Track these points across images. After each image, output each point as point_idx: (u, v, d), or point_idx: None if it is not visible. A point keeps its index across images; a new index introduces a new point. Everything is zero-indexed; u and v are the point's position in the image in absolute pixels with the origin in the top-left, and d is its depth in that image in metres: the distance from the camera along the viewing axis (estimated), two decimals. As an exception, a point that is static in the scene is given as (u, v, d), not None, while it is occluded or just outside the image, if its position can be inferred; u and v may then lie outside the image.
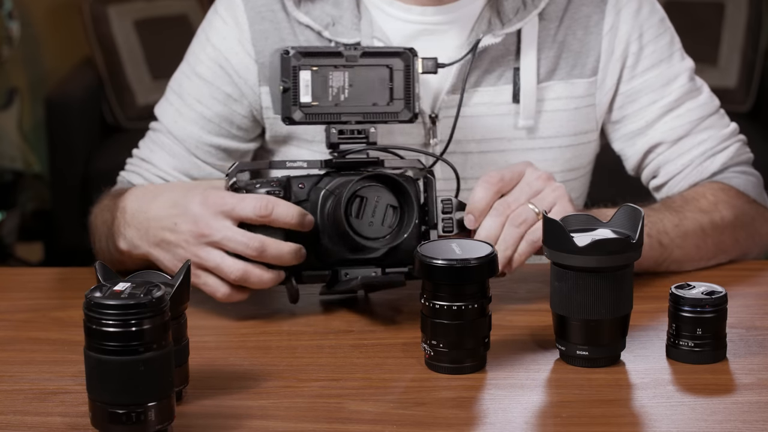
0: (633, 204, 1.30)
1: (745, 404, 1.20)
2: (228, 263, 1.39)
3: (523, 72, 1.65)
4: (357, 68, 1.45)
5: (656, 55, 1.70)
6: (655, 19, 1.71)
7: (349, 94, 1.45)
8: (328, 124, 1.44)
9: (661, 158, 1.70)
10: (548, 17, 1.67)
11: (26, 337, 1.41)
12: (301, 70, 1.43)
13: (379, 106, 1.46)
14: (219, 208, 1.39)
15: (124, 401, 1.08)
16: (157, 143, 1.71)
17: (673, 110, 1.69)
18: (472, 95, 1.65)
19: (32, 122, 4.17)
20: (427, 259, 1.24)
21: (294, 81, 1.43)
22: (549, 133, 1.68)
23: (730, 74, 3.98)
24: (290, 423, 1.17)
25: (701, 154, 1.69)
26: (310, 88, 1.43)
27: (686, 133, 1.69)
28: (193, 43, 1.73)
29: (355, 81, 1.45)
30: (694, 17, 4.00)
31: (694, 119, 1.69)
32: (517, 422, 1.18)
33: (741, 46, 3.99)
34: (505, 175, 1.44)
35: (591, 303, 1.25)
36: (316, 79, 1.43)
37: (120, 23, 4.02)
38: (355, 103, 1.45)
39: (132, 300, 1.07)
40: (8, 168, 3.96)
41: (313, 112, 1.44)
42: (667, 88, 1.69)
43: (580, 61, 1.68)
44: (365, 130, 1.45)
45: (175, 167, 1.70)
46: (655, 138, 1.70)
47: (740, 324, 1.39)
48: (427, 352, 1.27)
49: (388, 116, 1.47)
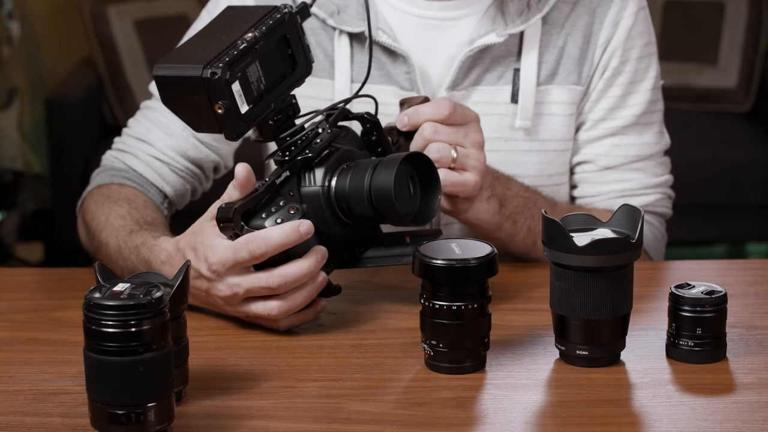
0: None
1: (745, 404, 1.20)
2: (270, 307, 1.35)
3: (524, 73, 1.65)
4: (264, 51, 1.36)
5: (629, 76, 1.70)
6: (643, 41, 1.71)
7: (265, 81, 1.37)
8: (261, 122, 1.38)
9: (584, 176, 1.73)
10: (551, 22, 1.67)
11: (26, 337, 1.41)
12: (231, 84, 1.32)
13: (289, 75, 1.40)
14: (226, 267, 1.33)
15: (124, 402, 1.08)
16: (153, 121, 1.69)
17: (616, 136, 1.71)
18: (472, 93, 1.66)
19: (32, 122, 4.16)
20: (427, 259, 1.24)
21: (230, 97, 1.32)
22: (546, 136, 1.68)
23: (730, 74, 3.98)
24: (290, 423, 1.17)
25: (619, 191, 1.71)
26: (243, 97, 1.34)
27: (616, 165, 1.71)
28: (196, 23, 1.72)
29: (265, 64, 1.37)
30: (694, 17, 3.99)
31: (630, 155, 1.71)
32: (517, 422, 1.18)
33: (741, 46, 3.99)
34: (456, 112, 1.47)
35: (591, 303, 1.25)
36: (243, 83, 1.34)
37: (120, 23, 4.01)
38: (271, 85, 1.38)
39: (131, 300, 1.07)
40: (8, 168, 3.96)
41: (251, 117, 1.36)
42: (621, 111, 1.70)
43: (578, 69, 1.68)
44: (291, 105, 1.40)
45: (171, 146, 1.68)
46: (588, 156, 1.72)
47: (740, 323, 1.39)
48: (427, 352, 1.27)
49: (298, 80, 1.41)
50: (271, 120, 1.38)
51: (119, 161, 1.70)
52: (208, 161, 1.71)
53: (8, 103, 3.96)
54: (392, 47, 1.64)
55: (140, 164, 1.68)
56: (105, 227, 1.58)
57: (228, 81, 1.31)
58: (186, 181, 1.70)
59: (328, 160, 1.39)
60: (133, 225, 1.55)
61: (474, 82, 1.66)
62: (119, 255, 1.53)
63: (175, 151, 1.68)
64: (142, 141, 1.69)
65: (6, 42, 3.90)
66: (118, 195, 1.63)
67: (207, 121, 1.35)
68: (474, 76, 1.66)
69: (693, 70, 3.95)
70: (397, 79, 1.65)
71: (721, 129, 3.86)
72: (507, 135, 1.67)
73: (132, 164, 1.68)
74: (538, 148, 1.68)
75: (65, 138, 3.81)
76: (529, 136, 1.68)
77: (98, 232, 1.60)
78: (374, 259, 1.43)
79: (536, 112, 1.67)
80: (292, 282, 1.33)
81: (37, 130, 4.13)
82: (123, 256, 1.52)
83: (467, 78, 1.65)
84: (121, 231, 1.55)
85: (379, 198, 1.35)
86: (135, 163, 1.68)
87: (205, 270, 1.35)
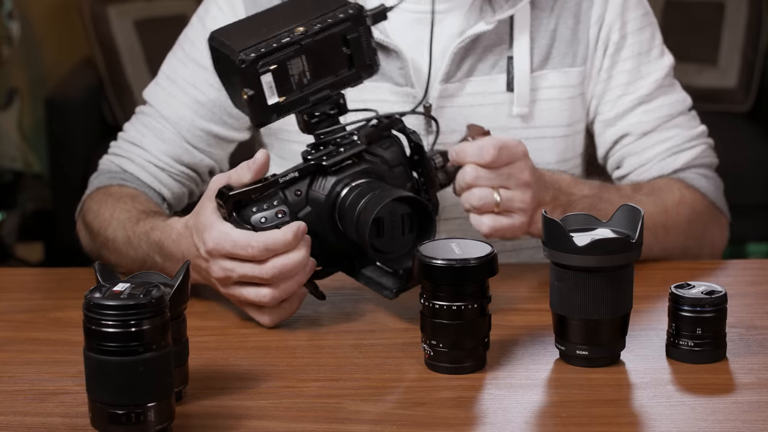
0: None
1: (745, 404, 1.20)
2: (262, 294, 1.37)
3: (517, 60, 1.66)
4: (311, 48, 1.38)
5: (635, 48, 1.70)
6: (639, 12, 1.72)
7: (310, 75, 1.39)
8: (300, 112, 1.40)
9: (626, 150, 1.71)
10: (540, 6, 1.68)
11: (26, 337, 1.41)
12: (261, 75, 1.36)
13: (342, 74, 1.41)
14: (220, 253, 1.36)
15: (124, 402, 1.08)
16: (147, 126, 1.70)
17: (644, 104, 1.70)
18: (466, 84, 1.66)
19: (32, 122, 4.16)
20: (427, 259, 1.24)
21: (257, 87, 1.36)
22: (543, 123, 1.69)
23: (730, 74, 3.97)
24: (290, 423, 1.17)
25: (666, 150, 1.70)
26: (274, 89, 1.37)
27: (654, 128, 1.70)
28: (187, 29, 1.73)
29: (313, 60, 1.39)
30: (694, 17, 3.99)
31: (664, 115, 1.70)
32: (517, 422, 1.17)
33: (741, 46, 3.99)
34: (501, 155, 1.44)
35: (591, 303, 1.25)
36: (277, 75, 1.37)
37: (120, 23, 4.01)
38: (319, 81, 1.40)
39: (131, 300, 1.07)
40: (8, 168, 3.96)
41: (283, 109, 1.39)
42: (641, 81, 1.70)
43: (572, 50, 1.68)
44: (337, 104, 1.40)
45: (165, 152, 1.68)
46: (623, 129, 1.71)
47: (740, 323, 1.39)
48: (427, 352, 1.27)
49: (352, 80, 1.42)
50: (306, 115, 1.40)
51: (116, 165, 1.71)
52: (202, 165, 1.71)
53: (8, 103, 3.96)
54: (384, 43, 1.64)
55: (137, 168, 1.69)
56: (111, 223, 1.59)
57: (257, 72, 1.35)
58: (182, 185, 1.71)
59: (344, 172, 1.39)
60: (140, 215, 1.57)
61: (467, 73, 1.66)
62: (129, 246, 1.54)
63: (169, 157, 1.69)
64: (137, 146, 1.70)
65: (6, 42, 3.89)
66: (119, 193, 1.64)
67: (239, 101, 1.40)
68: (467, 67, 1.66)
69: (693, 70, 3.95)
70: (391, 75, 1.65)
71: (721, 129, 3.83)
72: (504, 124, 1.67)
73: (129, 168, 1.69)
74: (535, 135, 1.68)
75: (65, 138, 3.81)
76: (526, 123, 1.68)
77: (104, 229, 1.60)
78: (366, 279, 1.43)
79: (531, 99, 1.67)
80: (287, 273, 1.35)
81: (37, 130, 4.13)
82: (133, 246, 1.53)
83: (460, 69, 1.65)
84: (128, 222, 1.56)
85: (360, 226, 1.35)
86: (132, 168, 1.69)
87: (203, 250, 1.38)
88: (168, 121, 1.68)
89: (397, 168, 1.44)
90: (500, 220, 1.45)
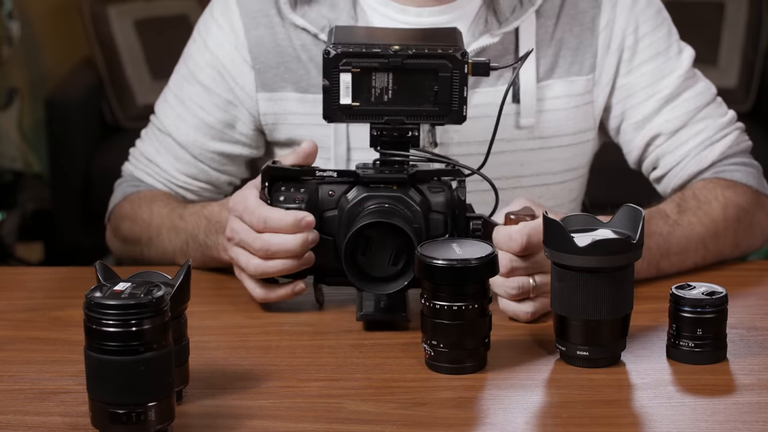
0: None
1: (746, 405, 1.20)
2: (249, 262, 1.41)
3: (523, 71, 1.64)
4: (401, 69, 1.39)
5: (653, 48, 1.69)
6: (652, 11, 1.70)
7: (392, 96, 1.40)
8: (371, 124, 1.42)
9: (660, 150, 1.70)
10: (545, 14, 1.66)
11: (26, 336, 1.41)
12: (341, 72, 1.38)
13: (423, 108, 1.41)
14: (233, 214, 1.43)
15: (124, 401, 1.08)
16: (163, 144, 1.72)
17: (670, 102, 1.69)
18: (471, 96, 1.64)
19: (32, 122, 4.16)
20: (427, 259, 1.24)
21: (335, 82, 1.39)
22: (549, 133, 1.67)
23: (730, 74, 3.98)
24: (290, 423, 1.17)
25: (699, 144, 1.68)
26: (350, 90, 1.39)
27: (683, 124, 1.69)
28: (190, 44, 1.72)
29: (399, 81, 1.39)
30: (694, 17, 3.99)
31: (691, 109, 1.69)
32: (517, 422, 1.18)
33: (741, 46, 3.99)
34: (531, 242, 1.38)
35: (591, 303, 1.25)
36: (359, 80, 1.39)
37: (120, 23, 4.01)
38: (399, 104, 1.40)
39: (132, 300, 1.07)
40: (8, 168, 3.96)
41: (353, 113, 1.40)
42: (663, 81, 1.69)
43: (578, 59, 1.67)
44: (408, 131, 1.42)
45: (181, 171, 1.71)
46: (653, 130, 1.69)
47: (740, 324, 1.39)
48: (427, 352, 1.27)
49: (432, 117, 1.42)
50: (376, 131, 1.42)
51: (136, 179, 1.74)
52: (220, 182, 1.73)
53: (8, 103, 3.96)
54: None
55: (157, 183, 1.72)
56: (153, 219, 1.65)
57: (338, 67, 1.38)
58: (203, 197, 1.72)
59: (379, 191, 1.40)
60: (181, 207, 1.64)
61: (473, 86, 1.64)
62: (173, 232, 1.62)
63: (185, 175, 1.71)
64: (154, 163, 1.72)
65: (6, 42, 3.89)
66: (152, 195, 1.69)
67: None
68: (472, 79, 1.64)
69: (693, 70, 3.95)
70: None
71: (721, 129, 3.85)
72: (510, 135, 1.66)
73: (149, 182, 1.73)
74: (542, 146, 1.67)
75: (65, 138, 3.81)
76: (532, 135, 1.67)
77: (146, 229, 1.66)
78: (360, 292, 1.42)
79: (538, 109, 1.66)
80: (273, 252, 1.39)
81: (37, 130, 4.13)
82: (177, 230, 1.61)
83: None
84: (173, 213, 1.64)
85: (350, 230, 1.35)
86: (152, 182, 1.73)
87: (230, 204, 1.44)
88: (180, 144, 1.69)
89: (436, 215, 1.41)
90: (537, 306, 1.41)
